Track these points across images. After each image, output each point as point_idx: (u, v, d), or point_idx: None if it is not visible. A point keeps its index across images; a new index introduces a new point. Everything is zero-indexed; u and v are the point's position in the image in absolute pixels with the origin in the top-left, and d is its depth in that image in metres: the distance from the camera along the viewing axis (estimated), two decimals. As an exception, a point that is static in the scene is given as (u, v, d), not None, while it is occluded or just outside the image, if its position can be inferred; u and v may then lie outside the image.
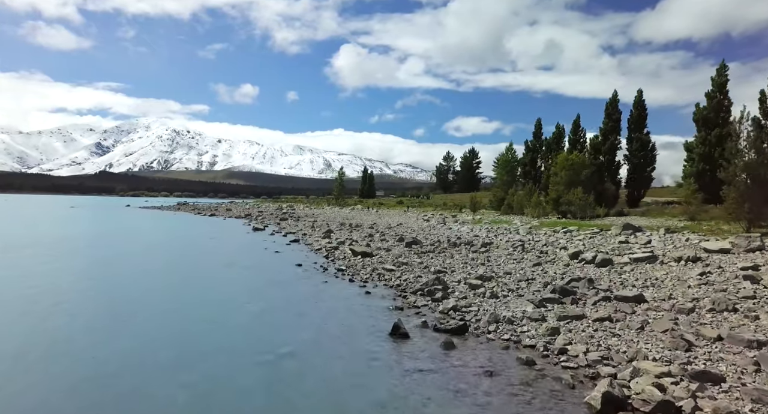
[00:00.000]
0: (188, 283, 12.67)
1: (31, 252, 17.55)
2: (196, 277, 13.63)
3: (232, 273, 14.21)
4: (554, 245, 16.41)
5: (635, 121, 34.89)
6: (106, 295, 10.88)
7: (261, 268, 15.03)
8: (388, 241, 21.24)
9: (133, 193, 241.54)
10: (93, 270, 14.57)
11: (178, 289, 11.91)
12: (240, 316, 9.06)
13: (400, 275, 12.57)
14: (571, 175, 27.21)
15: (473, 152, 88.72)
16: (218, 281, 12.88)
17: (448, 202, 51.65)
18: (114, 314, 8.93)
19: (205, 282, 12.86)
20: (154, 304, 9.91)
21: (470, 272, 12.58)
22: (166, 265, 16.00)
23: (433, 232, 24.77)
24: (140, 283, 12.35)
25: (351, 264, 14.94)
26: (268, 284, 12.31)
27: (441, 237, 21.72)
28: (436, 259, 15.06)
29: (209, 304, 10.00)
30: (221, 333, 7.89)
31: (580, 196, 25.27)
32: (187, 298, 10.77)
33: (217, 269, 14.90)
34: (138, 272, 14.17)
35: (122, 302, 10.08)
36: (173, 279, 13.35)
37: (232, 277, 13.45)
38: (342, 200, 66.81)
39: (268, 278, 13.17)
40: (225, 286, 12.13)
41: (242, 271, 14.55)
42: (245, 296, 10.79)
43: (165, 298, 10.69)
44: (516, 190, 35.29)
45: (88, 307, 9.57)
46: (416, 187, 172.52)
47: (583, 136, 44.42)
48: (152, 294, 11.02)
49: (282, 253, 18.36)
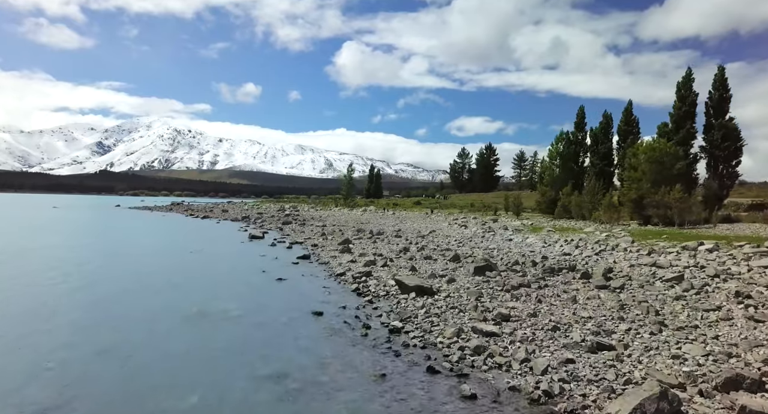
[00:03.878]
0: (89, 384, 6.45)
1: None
2: (116, 364, 7.13)
3: (196, 343, 7.63)
4: (738, 278, 10.19)
5: (716, 104, 28.59)
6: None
7: (253, 324, 8.81)
8: (435, 259, 15.06)
9: (133, 192, 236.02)
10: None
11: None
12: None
13: (524, 357, 6.29)
14: (658, 170, 20.92)
15: (490, 148, 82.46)
16: (160, 374, 6.52)
17: (474, 203, 45.43)
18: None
19: (124, 384, 6.49)
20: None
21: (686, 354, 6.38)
22: (87, 319, 9.78)
23: (489, 245, 18.59)
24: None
25: (406, 312, 8.76)
26: (269, 393, 5.81)
27: (510, 253, 15.59)
28: (553, 306, 8.85)
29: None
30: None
31: (679, 197, 18.99)
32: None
33: (172, 330, 8.48)
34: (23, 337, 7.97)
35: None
36: (69, 370, 7.11)
37: (192, 365, 6.59)
38: (351, 201, 60.46)
39: (267, 360, 6.78)
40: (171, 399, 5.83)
41: (216, 337, 8.14)
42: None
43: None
44: (573, 190, 28.87)
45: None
46: (421, 186, 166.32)
47: (636, 125, 38.44)
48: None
49: (287, 283, 12.18)
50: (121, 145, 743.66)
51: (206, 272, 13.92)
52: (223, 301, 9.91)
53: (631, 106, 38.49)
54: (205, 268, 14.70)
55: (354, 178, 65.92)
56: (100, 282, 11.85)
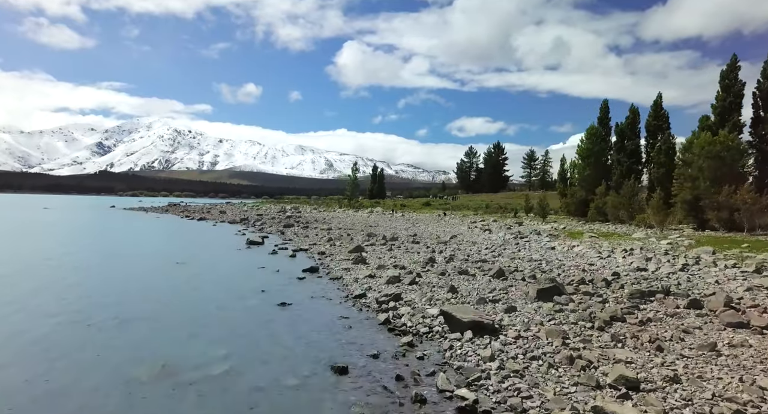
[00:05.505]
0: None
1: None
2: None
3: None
4: None
5: (767, 95, 25.77)
6: None
7: (246, 393, 5.99)
8: (472, 273, 12.24)
9: (132, 193, 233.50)
10: None
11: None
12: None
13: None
14: (716, 166, 18.09)
15: (498, 147, 79.56)
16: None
17: (488, 204, 42.58)
18: None
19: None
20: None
21: None
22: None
23: (530, 255, 15.77)
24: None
25: (469, 366, 5.96)
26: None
27: (564, 267, 12.80)
28: (687, 360, 6.04)
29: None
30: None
31: (750, 198, 16.16)
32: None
33: (129, 400, 5.84)
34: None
35: None
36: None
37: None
38: (356, 202, 57.51)
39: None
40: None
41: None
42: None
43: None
44: (607, 190, 25.92)
45: None
46: (422, 187, 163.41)
47: (666, 120, 35.59)
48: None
49: (293, 311, 9.36)
50: (122, 146, 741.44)
51: (189, 295, 11.00)
52: (203, 347, 7.07)
53: (660, 99, 35.69)
54: (189, 287, 11.79)
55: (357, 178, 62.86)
56: (22, 320, 8.30)
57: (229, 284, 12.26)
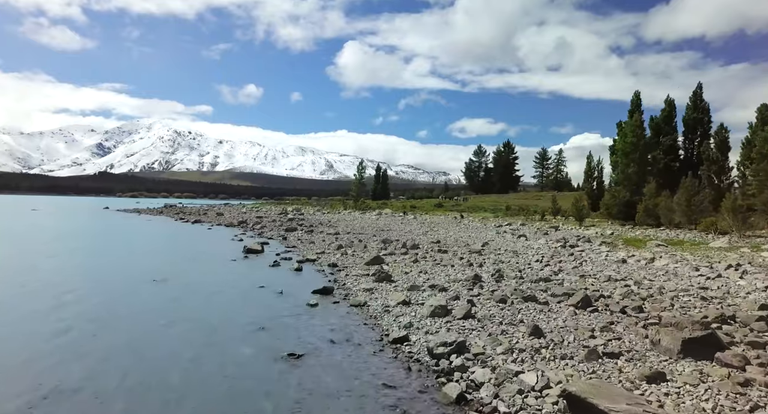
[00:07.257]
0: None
1: None
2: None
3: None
4: None
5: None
6: None
7: None
8: (544, 301, 9.09)
9: (132, 194, 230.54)
10: None
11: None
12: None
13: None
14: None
15: (509, 146, 76.39)
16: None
17: (509, 205, 39.40)
18: None
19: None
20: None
21: None
22: None
23: (600, 270, 12.61)
24: None
25: None
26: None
27: (665, 292, 9.66)
28: None
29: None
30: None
31: None
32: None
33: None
34: None
35: None
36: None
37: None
38: (363, 203, 54.25)
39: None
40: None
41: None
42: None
43: None
44: (658, 189, 22.64)
45: None
46: (423, 188, 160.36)
47: (708, 112, 32.53)
48: None
49: (308, 367, 6.19)
50: (122, 147, 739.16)
51: (159, 338, 7.78)
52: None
53: (700, 89, 32.60)
54: (161, 324, 8.54)
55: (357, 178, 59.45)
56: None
57: (216, 315, 9.06)
